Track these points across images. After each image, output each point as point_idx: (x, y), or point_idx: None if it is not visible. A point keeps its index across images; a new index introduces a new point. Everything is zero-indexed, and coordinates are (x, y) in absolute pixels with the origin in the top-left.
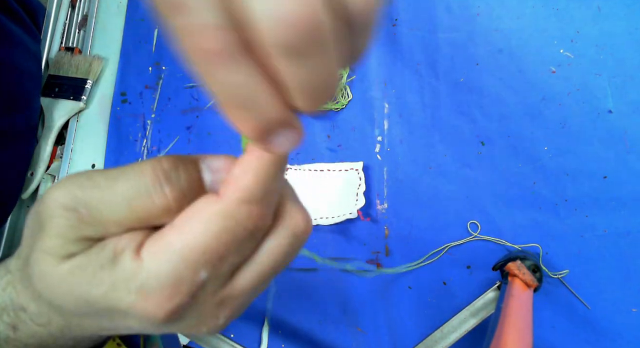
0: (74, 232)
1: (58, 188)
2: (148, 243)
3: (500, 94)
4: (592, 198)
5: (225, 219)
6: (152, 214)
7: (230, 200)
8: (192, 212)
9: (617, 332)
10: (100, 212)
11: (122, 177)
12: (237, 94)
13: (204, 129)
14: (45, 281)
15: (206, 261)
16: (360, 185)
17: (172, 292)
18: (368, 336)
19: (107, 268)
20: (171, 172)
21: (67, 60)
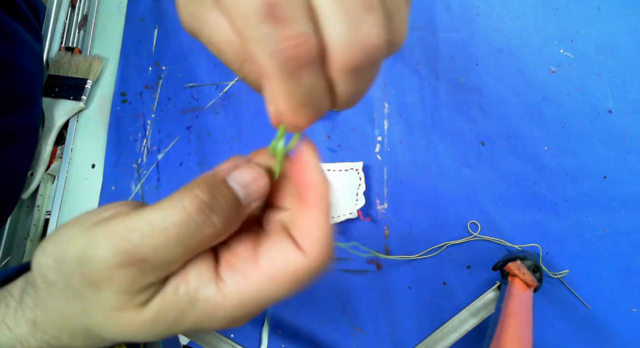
0: (138, 284)
1: (102, 247)
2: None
3: (500, 94)
4: (592, 198)
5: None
6: (205, 244)
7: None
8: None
9: (617, 332)
10: (158, 258)
11: (167, 219)
12: (308, 95)
13: (204, 129)
14: (126, 332)
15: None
16: (360, 185)
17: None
18: (368, 336)
19: (189, 310)
20: (212, 202)
21: (67, 60)
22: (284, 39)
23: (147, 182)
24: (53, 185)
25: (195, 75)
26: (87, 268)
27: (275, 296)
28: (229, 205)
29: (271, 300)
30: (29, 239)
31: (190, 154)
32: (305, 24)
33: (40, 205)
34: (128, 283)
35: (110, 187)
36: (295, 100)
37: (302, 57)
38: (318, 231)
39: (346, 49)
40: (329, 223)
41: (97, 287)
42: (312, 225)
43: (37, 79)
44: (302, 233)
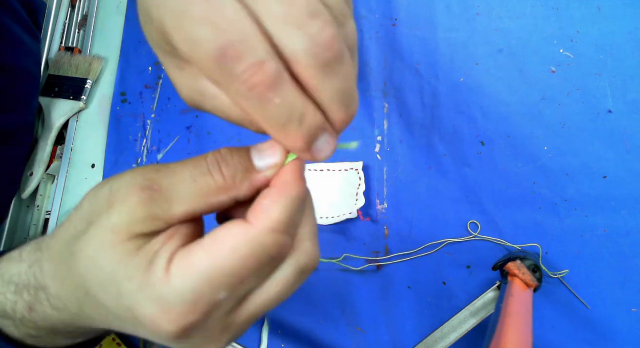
0: (143, 210)
1: (134, 171)
2: (178, 257)
3: (500, 94)
4: (592, 198)
5: (254, 245)
6: (212, 190)
7: (260, 228)
8: (222, 234)
9: (617, 332)
10: (170, 189)
11: (187, 162)
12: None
13: (204, 129)
14: (95, 258)
15: (228, 283)
16: (360, 185)
17: (190, 310)
18: (368, 336)
19: (143, 270)
20: (227, 156)
21: (67, 60)
22: (241, 73)
23: None
24: (53, 185)
25: None
26: (114, 186)
27: (217, 272)
28: (240, 162)
29: (213, 276)
30: (28, 239)
31: (190, 154)
32: (261, 51)
33: (40, 205)
34: (136, 205)
35: None
36: (276, 120)
37: (262, 81)
38: (271, 205)
39: (305, 51)
40: (288, 205)
41: (110, 204)
42: (266, 200)
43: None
44: (254, 209)
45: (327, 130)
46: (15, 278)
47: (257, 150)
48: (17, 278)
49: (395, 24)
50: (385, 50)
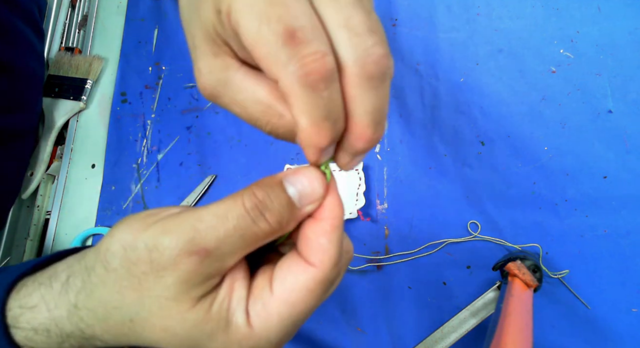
0: (198, 274)
1: (174, 235)
2: (253, 309)
3: (500, 94)
4: (592, 198)
5: (324, 284)
6: (260, 238)
7: (326, 269)
8: (291, 282)
9: (617, 332)
10: (219, 249)
11: (228, 212)
12: (328, 109)
13: (204, 129)
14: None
15: (305, 319)
16: (360, 185)
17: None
18: (368, 336)
19: (222, 328)
20: (266, 200)
21: (67, 60)
22: (303, 56)
23: (147, 182)
24: (53, 185)
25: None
26: (157, 255)
27: (299, 314)
28: (281, 204)
29: (296, 319)
30: (28, 239)
31: (190, 153)
32: (322, 44)
33: (40, 205)
34: (190, 272)
35: (110, 187)
36: (316, 113)
37: (320, 70)
38: (327, 244)
39: (358, 61)
40: (340, 241)
41: (160, 274)
42: (322, 238)
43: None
44: (309, 246)
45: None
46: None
47: (290, 184)
48: (55, 328)
49: (395, 24)
50: None
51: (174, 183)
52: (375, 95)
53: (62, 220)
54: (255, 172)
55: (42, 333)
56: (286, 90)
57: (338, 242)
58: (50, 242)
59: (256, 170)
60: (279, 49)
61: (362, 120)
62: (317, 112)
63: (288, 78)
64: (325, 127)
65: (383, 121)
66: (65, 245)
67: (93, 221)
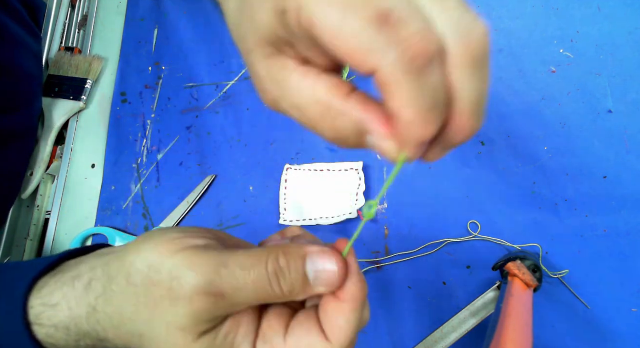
0: (209, 313)
1: (198, 272)
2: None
3: (500, 94)
4: (592, 198)
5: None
6: (271, 298)
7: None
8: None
9: (617, 332)
10: (233, 297)
11: (252, 269)
12: (434, 96)
13: (204, 129)
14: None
15: None
16: (360, 185)
17: None
18: (368, 336)
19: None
20: (285, 270)
21: (67, 60)
22: (405, 38)
23: (147, 182)
24: (53, 185)
25: (195, 75)
26: (177, 285)
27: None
28: (297, 278)
29: None
30: (28, 239)
31: (190, 154)
32: (420, 23)
33: (40, 205)
34: (202, 311)
35: (110, 187)
36: (423, 102)
37: (426, 52)
38: (345, 325)
39: (464, 42)
40: (357, 321)
41: (175, 304)
42: (341, 319)
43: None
44: (331, 323)
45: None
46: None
47: (311, 261)
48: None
49: None
50: None
51: (174, 184)
52: (481, 80)
53: (62, 220)
54: (255, 172)
55: (63, 330)
56: (387, 80)
57: (356, 322)
58: (50, 242)
59: (256, 170)
60: (374, 36)
61: (466, 109)
62: (424, 101)
63: (389, 66)
64: (432, 117)
65: (485, 108)
66: (65, 245)
67: (93, 221)
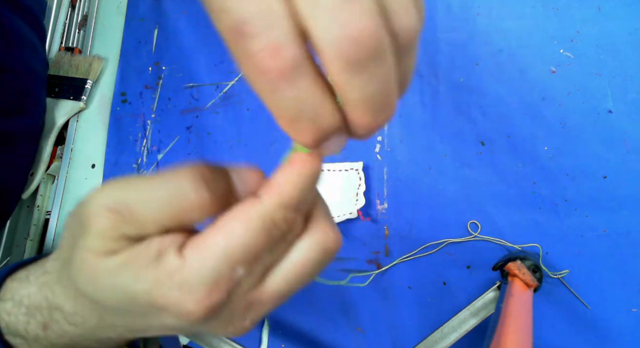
0: (115, 230)
1: (100, 191)
2: (190, 242)
3: (500, 94)
4: (592, 199)
5: (264, 220)
6: (187, 213)
7: (270, 204)
8: (233, 213)
9: (617, 332)
10: (139, 210)
11: (162, 179)
12: (300, 108)
13: (204, 129)
14: (90, 277)
15: (244, 259)
16: (360, 185)
17: (212, 288)
18: (368, 336)
19: (152, 266)
20: (208, 177)
21: (67, 60)
22: (252, 54)
23: None
24: (53, 185)
25: (195, 75)
26: (85, 209)
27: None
28: (221, 187)
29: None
30: (28, 239)
31: (190, 154)
32: (282, 31)
33: (40, 205)
34: (107, 228)
35: None
36: (285, 114)
37: (277, 67)
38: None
39: (332, 41)
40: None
41: (84, 227)
42: (276, 175)
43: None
44: (267, 184)
45: (343, 132)
46: (26, 300)
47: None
48: (27, 300)
49: None
50: None
51: None
52: (368, 80)
53: (62, 220)
54: None
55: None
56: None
57: (295, 185)
58: (50, 242)
59: None
60: (232, 46)
61: (355, 110)
62: (285, 113)
63: (248, 77)
64: (302, 126)
65: (385, 104)
66: None
67: None
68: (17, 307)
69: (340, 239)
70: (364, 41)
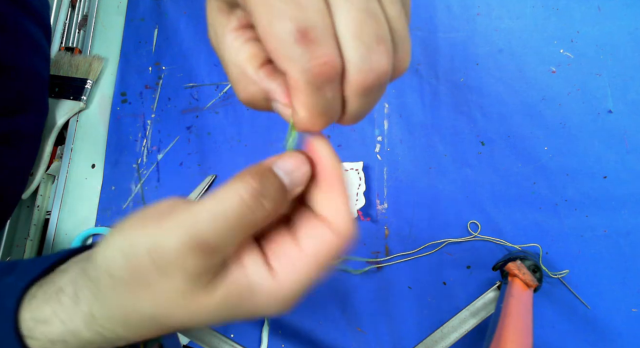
0: (203, 267)
1: (173, 235)
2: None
3: (500, 94)
4: (592, 199)
5: (344, 246)
6: (257, 225)
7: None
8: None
9: (617, 332)
10: (219, 241)
11: (226, 206)
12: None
13: (204, 129)
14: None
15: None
16: (360, 185)
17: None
18: (368, 336)
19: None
20: (262, 188)
21: (67, 60)
22: (314, 57)
23: (147, 182)
24: (53, 185)
25: (195, 75)
26: (159, 257)
27: (320, 273)
28: (276, 190)
29: (316, 278)
30: (28, 239)
31: (190, 154)
32: (332, 47)
33: (40, 205)
34: (196, 267)
35: (110, 187)
36: (315, 110)
37: (328, 74)
38: (341, 208)
39: (361, 72)
40: (347, 200)
41: (167, 274)
42: (335, 205)
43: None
44: (329, 213)
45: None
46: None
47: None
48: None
49: None
50: None
51: (174, 184)
52: (367, 103)
53: (62, 220)
54: None
55: (60, 343)
56: (291, 83)
57: (347, 200)
58: (50, 242)
59: None
60: (291, 46)
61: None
62: (317, 108)
63: (296, 74)
64: (320, 121)
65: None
66: (65, 245)
67: (93, 221)
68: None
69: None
70: (380, 78)
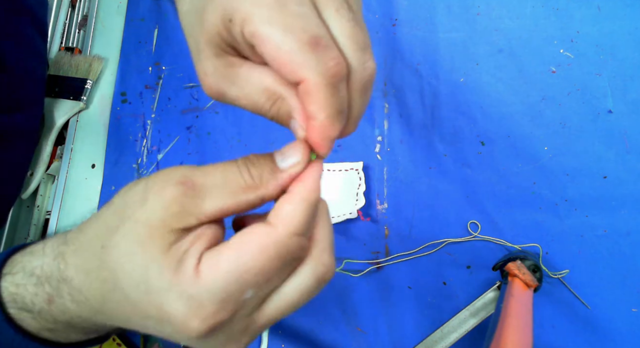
0: (178, 203)
1: (168, 170)
2: (206, 257)
3: (500, 94)
4: (592, 199)
5: (279, 246)
6: (240, 189)
7: (285, 231)
8: (248, 236)
9: (617, 332)
10: (203, 186)
11: (219, 165)
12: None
13: (204, 129)
14: (129, 250)
15: (255, 282)
16: (360, 185)
17: (219, 308)
18: (368, 336)
19: (173, 268)
20: (253, 159)
21: (67, 60)
22: (329, 60)
23: None
24: (53, 185)
25: (195, 75)
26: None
27: (246, 272)
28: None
29: (242, 277)
30: (28, 239)
31: (190, 154)
32: (338, 51)
33: (40, 205)
34: (173, 199)
35: (110, 187)
36: (334, 108)
37: (341, 73)
38: (289, 207)
39: (362, 70)
40: (304, 204)
41: (146, 200)
42: (284, 204)
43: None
44: (275, 212)
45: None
46: (37, 270)
47: (279, 153)
48: (39, 271)
49: (395, 24)
50: (385, 50)
51: None
52: (366, 99)
53: (62, 220)
54: None
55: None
56: (310, 89)
57: (305, 213)
58: None
59: None
60: (306, 55)
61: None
62: (335, 107)
63: (315, 78)
64: (339, 119)
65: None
66: None
67: None
68: (28, 278)
69: (334, 269)
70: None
